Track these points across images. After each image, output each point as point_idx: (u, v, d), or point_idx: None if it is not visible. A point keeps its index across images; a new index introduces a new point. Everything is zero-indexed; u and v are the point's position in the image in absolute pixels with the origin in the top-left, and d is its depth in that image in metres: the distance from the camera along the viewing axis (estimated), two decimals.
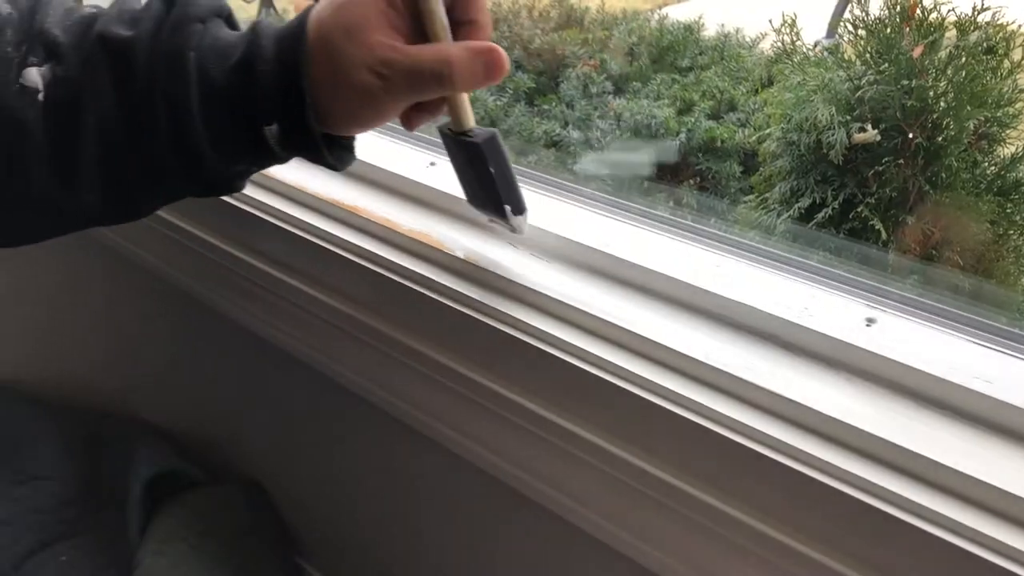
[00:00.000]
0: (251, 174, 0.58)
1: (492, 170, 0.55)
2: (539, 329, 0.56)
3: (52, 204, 0.52)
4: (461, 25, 0.51)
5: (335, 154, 0.53)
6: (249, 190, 0.74)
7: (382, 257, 0.65)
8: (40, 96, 0.49)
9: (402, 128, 0.77)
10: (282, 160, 0.54)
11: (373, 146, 0.75)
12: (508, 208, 0.57)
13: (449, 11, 0.50)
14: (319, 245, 0.69)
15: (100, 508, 0.99)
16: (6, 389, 1.09)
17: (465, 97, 0.54)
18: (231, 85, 0.49)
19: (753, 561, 0.50)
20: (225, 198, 0.75)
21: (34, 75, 0.49)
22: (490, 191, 0.57)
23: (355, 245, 0.67)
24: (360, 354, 0.69)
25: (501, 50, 0.49)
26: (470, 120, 0.55)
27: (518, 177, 0.58)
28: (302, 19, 0.50)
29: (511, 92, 2.26)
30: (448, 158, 0.60)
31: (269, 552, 0.94)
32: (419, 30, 0.50)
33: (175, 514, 0.93)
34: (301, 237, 0.70)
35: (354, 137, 0.56)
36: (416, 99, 0.51)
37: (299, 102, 0.49)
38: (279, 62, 0.49)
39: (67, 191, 0.51)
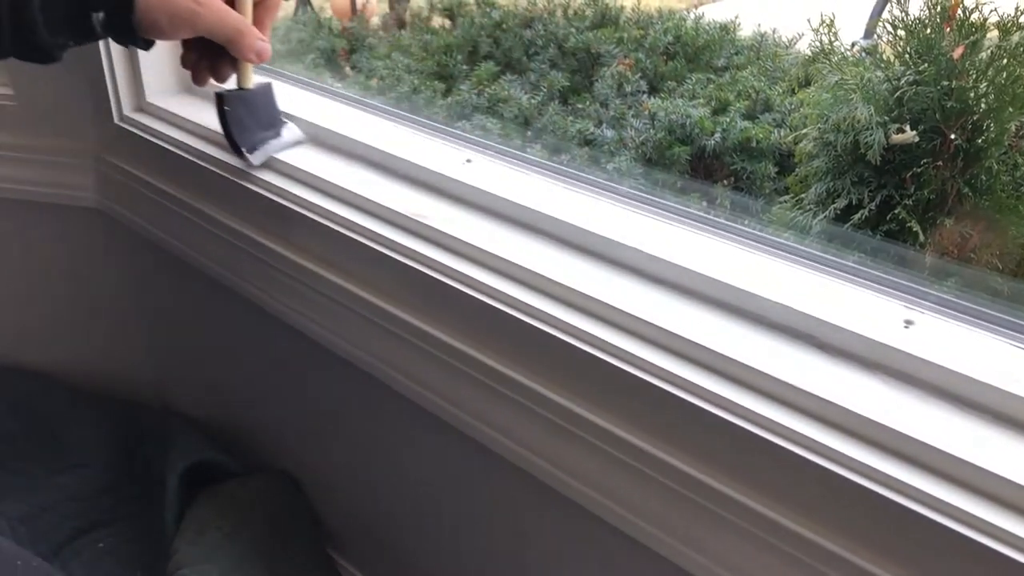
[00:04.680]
0: (69, 47, 0.64)
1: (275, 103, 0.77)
2: (571, 324, 0.57)
3: None
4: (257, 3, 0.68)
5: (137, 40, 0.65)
6: (289, 186, 0.75)
7: (416, 252, 0.66)
8: None
9: (437, 125, 0.79)
10: (99, 38, 0.64)
11: (409, 143, 0.76)
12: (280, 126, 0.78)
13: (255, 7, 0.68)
14: (356, 240, 0.70)
15: (137, 496, 1.00)
16: (46, 379, 1.11)
17: (249, 66, 0.72)
18: None
19: (786, 560, 0.50)
20: (265, 193, 0.76)
21: None
22: (266, 121, 0.77)
23: (390, 240, 0.67)
24: (398, 350, 0.70)
25: (268, 44, 0.68)
26: (251, 82, 0.73)
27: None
28: None
29: (545, 91, 2.26)
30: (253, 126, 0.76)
31: (301, 542, 0.95)
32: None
33: (210, 504, 0.94)
34: (338, 232, 0.71)
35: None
36: (205, 36, 0.65)
37: (128, 7, 0.59)
38: None
39: None
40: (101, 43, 0.84)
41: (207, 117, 0.84)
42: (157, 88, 0.89)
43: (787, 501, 0.49)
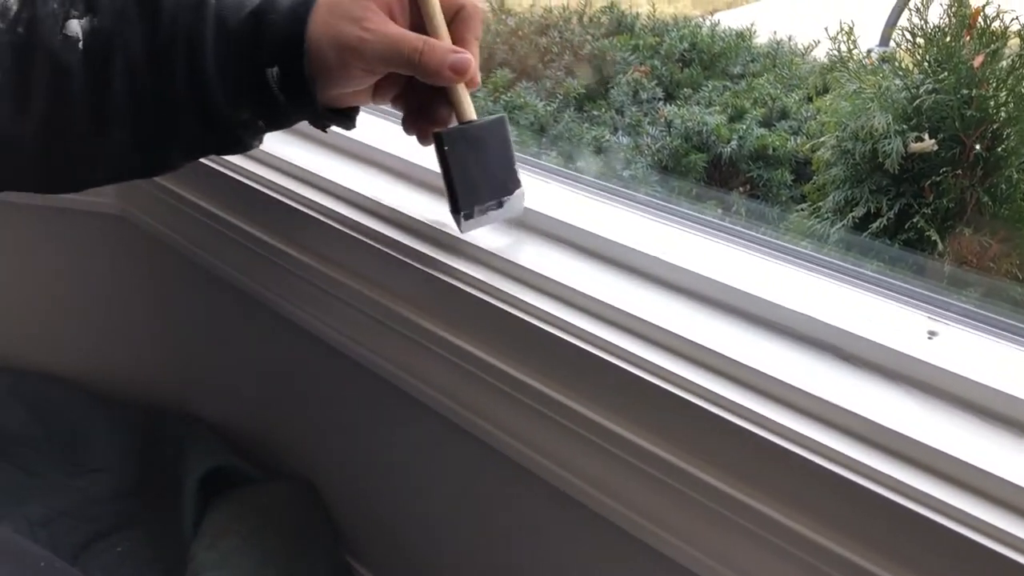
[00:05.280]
0: (261, 130, 0.62)
1: (512, 147, 0.61)
2: (590, 332, 0.57)
3: (89, 145, 0.59)
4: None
5: (333, 118, 0.62)
6: (308, 193, 0.75)
7: (437, 260, 0.66)
8: (80, 45, 0.56)
9: None
10: (284, 110, 0.59)
11: (427, 149, 0.76)
12: (512, 187, 0.62)
13: (449, 24, 0.59)
14: (375, 247, 0.70)
15: (155, 501, 1.01)
16: (65, 382, 1.12)
17: (466, 92, 0.60)
18: (242, 29, 0.57)
19: (807, 569, 0.50)
20: (285, 199, 0.76)
21: (75, 26, 0.56)
22: (496, 173, 0.62)
23: (410, 248, 0.68)
24: (420, 359, 0.70)
25: (472, 60, 0.58)
26: (472, 112, 0.61)
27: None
28: None
29: (561, 98, 2.26)
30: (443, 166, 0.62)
31: (319, 549, 0.95)
32: (420, 27, 0.59)
33: (228, 510, 0.95)
34: (358, 239, 0.71)
35: (355, 110, 0.64)
36: (387, 68, 0.58)
37: (299, 51, 0.56)
38: (290, 10, 0.57)
39: (100, 130, 0.58)
40: None
41: None
42: None
43: (815, 514, 0.49)
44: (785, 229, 1.52)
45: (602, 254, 0.63)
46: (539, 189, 0.69)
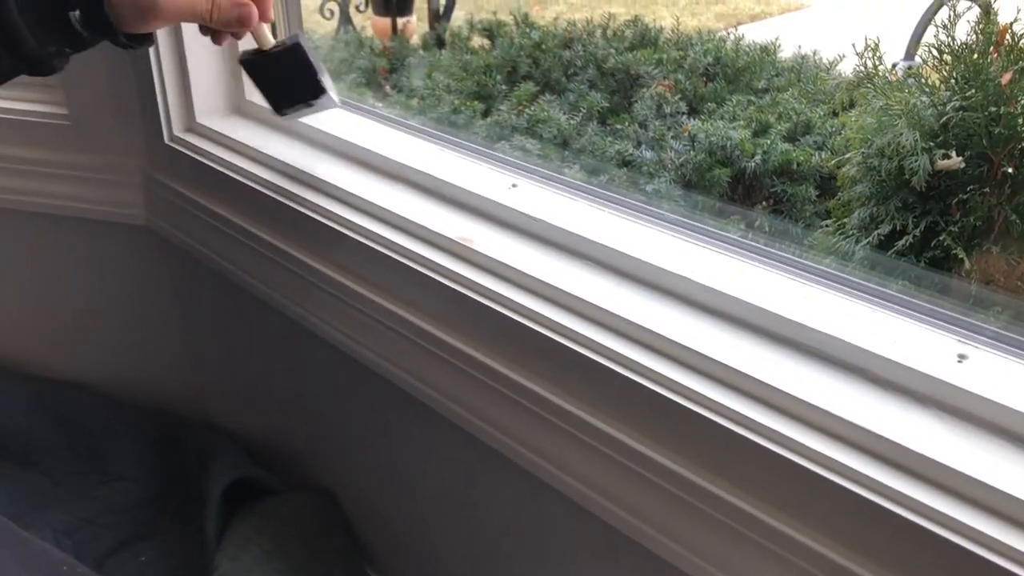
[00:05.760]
0: (67, 55, 0.65)
1: (311, 60, 0.72)
2: (615, 351, 0.57)
3: None
4: None
5: (132, 39, 0.64)
6: (335, 207, 0.76)
7: (461, 275, 0.66)
8: None
9: (483, 149, 0.80)
10: (88, 41, 0.63)
11: (456, 167, 0.76)
12: (329, 87, 0.73)
13: None
14: (401, 262, 0.70)
15: (178, 511, 1.02)
16: (90, 392, 1.13)
17: (262, 26, 0.69)
18: None
19: None
20: (311, 214, 0.77)
21: None
22: (311, 80, 0.73)
23: (436, 263, 0.68)
24: (441, 372, 0.70)
25: (254, 9, 0.65)
26: (270, 39, 0.71)
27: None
28: None
29: (584, 111, 2.26)
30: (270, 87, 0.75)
31: (340, 560, 0.95)
32: None
33: (250, 520, 0.95)
34: (384, 254, 0.71)
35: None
36: (182, 20, 0.66)
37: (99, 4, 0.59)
38: None
39: None
40: (153, 64, 0.85)
41: (255, 138, 0.86)
42: (207, 109, 0.90)
43: (845, 538, 0.48)
44: (809, 246, 1.51)
45: (626, 271, 0.63)
46: (563, 204, 0.70)
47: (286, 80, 0.74)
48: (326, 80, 0.74)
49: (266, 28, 0.71)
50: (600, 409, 0.59)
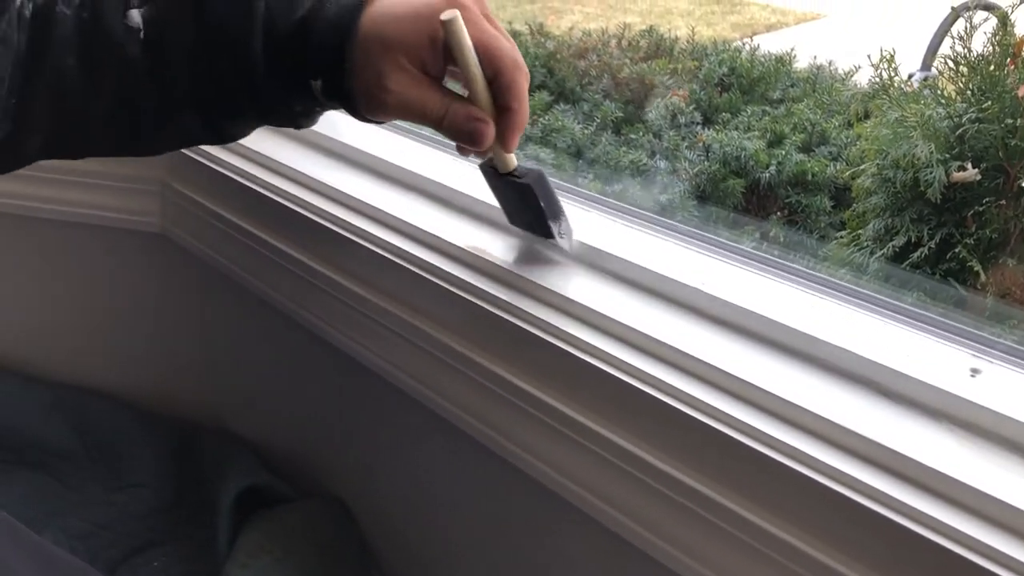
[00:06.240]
0: (318, 113, 0.64)
1: (543, 205, 0.62)
2: (629, 363, 0.57)
3: (159, 123, 0.62)
4: (499, 111, 0.58)
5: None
6: (350, 217, 0.76)
7: (474, 286, 0.66)
8: (141, 34, 0.58)
9: None
10: (332, 107, 0.62)
11: (467, 176, 0.76)
12: (557, 233, 0.64)
13: (490, 82, 0.57)
14: (415, 272, 0.71)
15: (190, 517, 1.02)
16: (105, 398, 1.13)
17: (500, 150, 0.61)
18: (290, 35, 0.58)
19: None
20: (328, 224, 0.77)
21: (136, 16, 0.58)
22: (539, 220, 0.64)
23: (449, 273, 0.68)
24: (451, 380, 0.70)
25: (491, 129, 0.58)
26: (513, 162, 0.62)
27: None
28: (359, 3, 0.57)
29: (598, 121, 2.26)
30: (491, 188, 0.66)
31: (350, 569, 0.95)
32: (453, 74, 0.59)
33: (262, 528, 0.95)
34: (399, 264, 0.72)
35: None
36: (409, 119, 0.60)
37: (340, 64, 0.57)
38: (334, 26, 0.57)
39: (166, 109, 0.61)
40: None
41: (271, 147, 0.86)
42: None
43: (856, 553, 0.48)
44: (823, 258, 1.51)
45: (639, 283, 0.63)
46: (578, 216, 0.70)
47: (516, 208, 0.66)
48: (563, 226, 0.65)
49: (510, 154, 0.62)
50: (607, 417, 0.59)
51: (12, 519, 0.65)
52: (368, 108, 0.59)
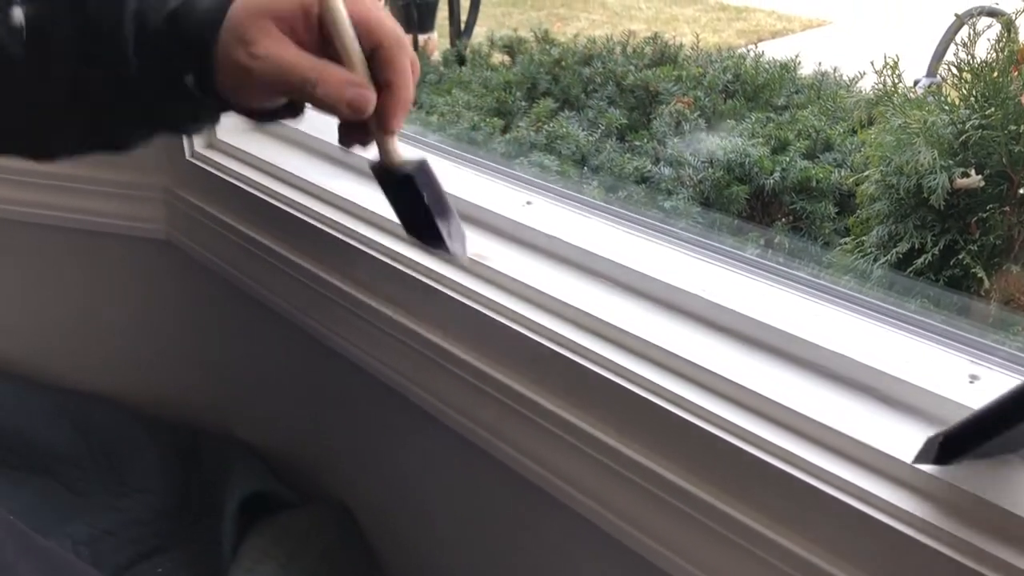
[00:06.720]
0: (204, 119, 0.62)
1: (426, 198, 0.54)
2: (630, 370, 0.57)
3: (49, 125, 0.59)
4: (379, 88, 0.52)
5: (266, 114, 0.59)
6: (350, 223, 0.76)
7: (476, 292, 0.67)
8: (23, 34, 0.55)
9: (497, 166, 0.80)
10: (217, 106, 0.57)
11: (471, 184, 0.77)
12: (447, 234, 0.56)
13: (369, 60, 0.52)
14: (418, 279, 0.71)
15: (195, 523, 1.02)
16: (110, 403, 1.14)
17: (386, 138, 0.54)
18: (162, 28, 0.54)
19: None
20: (329, 230, 0.78)
21: (18, 14, 0.55)
22: (427, 220, 0.55)
23: (451, 280, 0.69)
24: (458, 390, 0.71)
25: (372, 95, 0.51)
26: (398, 154, 0.54)
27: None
28: None
29: (603, 128, 2.27)
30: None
31: (354, 574, 0.96)
32: (328, 54, 0.52)
33: (266, 534, 0.96)
34: (401, 271, 0.72)
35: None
36: (282, 95, 0.56)
37: (208, 65, 0.53)
38: (204, 20, 0.53)
39: (56, 115, 0.58)
40: None
41: (275, 155, 0.87)
42: (228, 126, 0.91)
43: (856, 560, 0.48)
44: (827, 265, 1.51)
45: (640, 289, 0.63)
46: (577, 222, 0.70)
47: (406, 210, 0.57)
48: (453, 227, 0.56)
49: (392, 139, 0.54)
50: (616, 428, 0.59)
51: (20, 524, 0.65)
52: (239, 86, 0.54)
